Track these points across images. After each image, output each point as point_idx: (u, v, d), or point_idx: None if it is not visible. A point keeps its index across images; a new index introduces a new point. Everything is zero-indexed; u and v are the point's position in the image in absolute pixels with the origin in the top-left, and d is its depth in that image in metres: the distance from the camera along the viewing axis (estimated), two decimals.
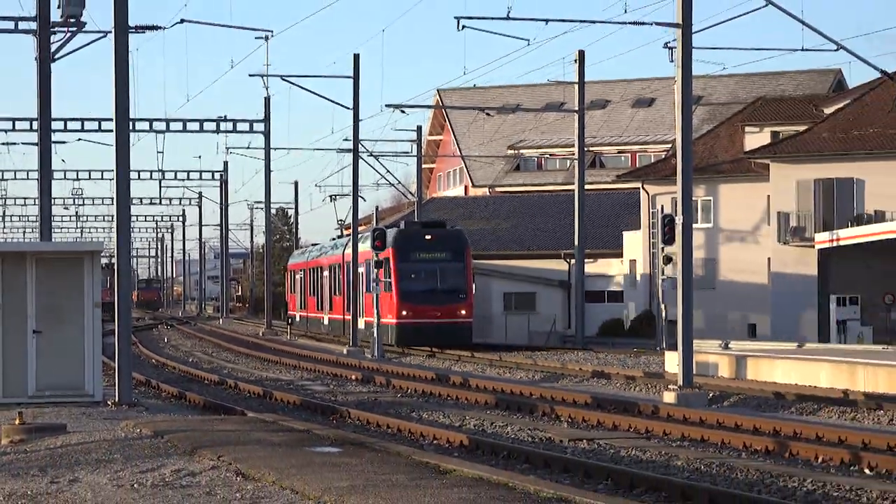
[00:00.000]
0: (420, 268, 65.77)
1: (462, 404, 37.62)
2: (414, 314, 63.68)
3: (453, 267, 65.60)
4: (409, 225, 70.06)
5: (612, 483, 21.75)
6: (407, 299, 64.48)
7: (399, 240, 66.11)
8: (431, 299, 64.50)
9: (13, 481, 19.33)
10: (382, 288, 64.30)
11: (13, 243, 35.06)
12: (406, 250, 65.82)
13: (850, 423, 31.12)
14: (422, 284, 65.33)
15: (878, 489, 21.11)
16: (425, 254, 65.81)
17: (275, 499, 17.42)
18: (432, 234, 66.85)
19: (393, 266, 64.61)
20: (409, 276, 65.22)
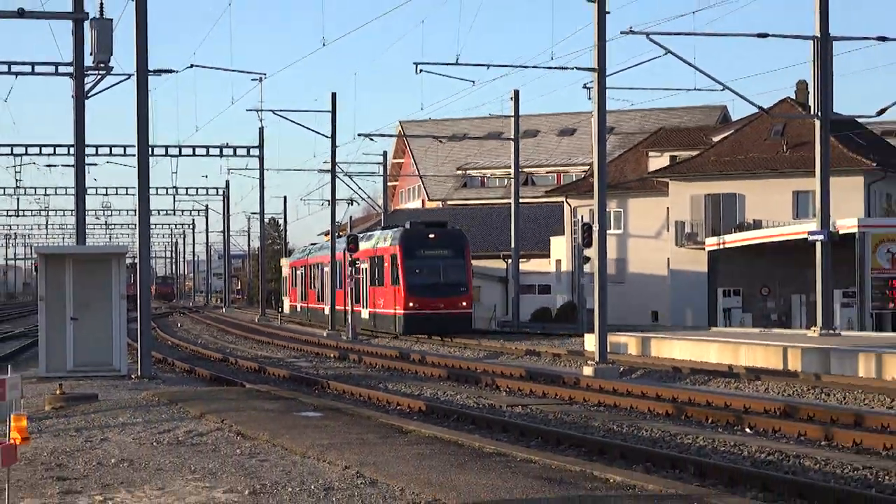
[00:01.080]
0: (425, 263, 61.17)
1: (420, 377, 37.57)
2: (420, 305, 59.45)
3: (454, 263, 61.44)
4: (413, 225, 64.78)
5: (541, 440, 21.76)
6: (413, 292, 59.79)
7: (405, 238, 61.85)
8: (435, 292, 59.83)
9: (55, 440, 19.24)
10: (389, 281, 61.83)
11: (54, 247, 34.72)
12: (412, 248, 61.42)
13: (734, 391, 31.16)
14: (427, 278, 60.49)
15: (756, 444, 21.20)
16: (429, 251, 61.45)
17: (268, 454, 17.36)
18: (435, 233, 62.72)
19: (400, 262, 60.74)
20: (414, 272, 60.77)
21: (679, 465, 18.57)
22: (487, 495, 13.56)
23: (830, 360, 34.56)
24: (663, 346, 43.72)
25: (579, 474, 15.35)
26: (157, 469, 16.14)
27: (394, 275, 61.30)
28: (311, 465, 16.13)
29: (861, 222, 53.74)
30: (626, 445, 20.68)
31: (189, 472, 15.75)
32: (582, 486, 14.39)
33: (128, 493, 14.22)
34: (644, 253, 77.78)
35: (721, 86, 45.68)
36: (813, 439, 21.82)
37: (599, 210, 39.30)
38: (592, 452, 20.02)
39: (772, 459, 19.73)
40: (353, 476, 15.11)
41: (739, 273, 63.01)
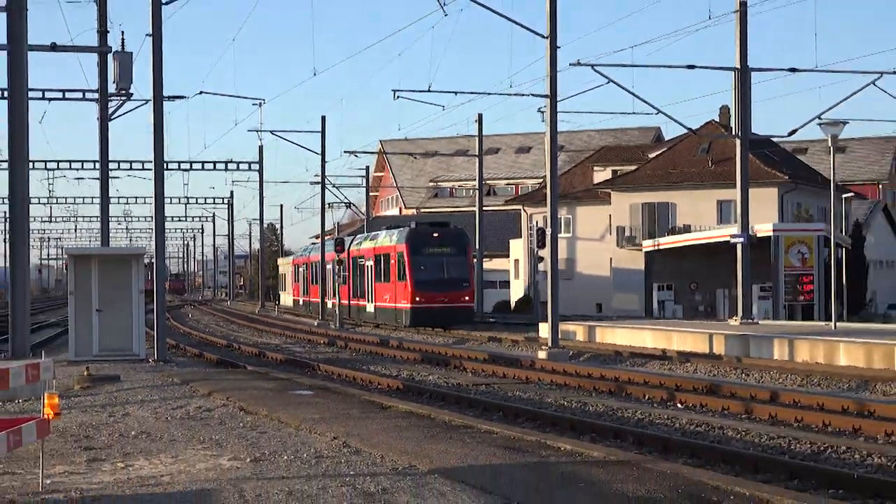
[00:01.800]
0: (430, 260, 56.76)
1: (398, 360, 37.51)
2: (426, 300, 55.38)
3: (457, 259, 57.19)
4: (419, 224, 60.66)
5: (502, 415, 21.77)
6: (420, 287, 55.62)
7: (412, 237, 57.66)
8: (440, 287, 55.64)
9: (82, 415, 19.17)
10: (396, 277, 57.91)
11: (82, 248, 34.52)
12: (418, 246, 57.15)
13: (667, 372, 31.23)
14: (432, 274, 56.13)
15: (686, 418, 21.24)
16: (434, 248, 57.07)
17: (267, 427, 17.34)
18: (439, 232, 58.34)
19: (407, 259, 56.50)
20: (420, 268, 56.42)
21: (620, 435, 18.62)
22: (456, 462, 13.57)
23: (749, 345, 34.67)
24: (606, 334, 43.77)
25: (535, 443, 15.38)
26: (171, 440, 16.12)
27: (400, 271, 57.55)
28: (304, 437, 16.12)
29: (775, 227, 54.03)
30: (574, 419, 20.71)
31: (199, 443, 15.74)
32: (537, 454, 14.41)
33: (146, 461, 14.20)
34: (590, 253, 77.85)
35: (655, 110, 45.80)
36: (734, 413, 21.90)
37: (551, 216, 39.32)
38: (546, 425, 20.06)
39: (699, 430, 19.79)
40: (340, 446, 15.11)
41: (671, 270, 63.15)
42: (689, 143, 72.96)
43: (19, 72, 24.73)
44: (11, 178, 25.03)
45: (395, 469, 13.17)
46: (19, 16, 24.67)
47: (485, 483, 12.10)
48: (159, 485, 12.51)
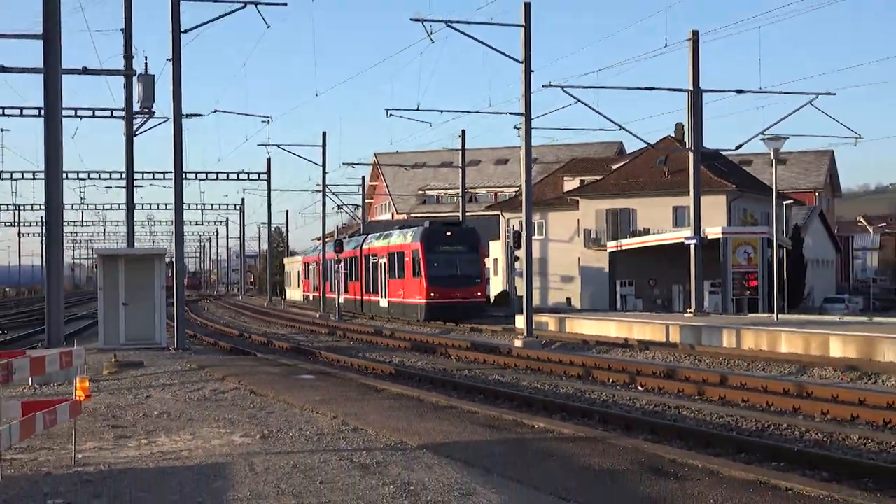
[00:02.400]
0: (444, 258, 52.92)
1: (390, 348, 37.51)
2: (440, 295, 51.54)
3: (470, 257, 53.35)
4: (433, 223, 56.88)
5: (483, 396, 21.76)
6: (434, 283, 51.92)
7: (427, 235, 53.83)
8: (454, 283, 51.96)
9: (111, 397, 19.13)
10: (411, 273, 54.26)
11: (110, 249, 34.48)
12: (432, 244, 53.30)
13: (629, 358, 31.24)
14: (445, 271, 52.38)
15: (646, 399, 21.29)
16: (447, 246, 53.19)
17: (274, 407, 17.31)
18: (452, 231, 54.83)
19: (422, 257, 52.78)
20: (434, 265, 52.69)
21: (588, 414, 18.64)
22: (441, 438, 13.57)
23: (702, 335, 34.73)
24: (575, 324, 43.79)
25: (511, 422, 15.39)
26: (189, 419, 16.09)
27: (415, 268, 53.78)
28: (307, 416, 16.11)
29: (724, 230, 54.08)
30: (547, 399, 20.74)
31: (214, 422, 15.71)
32: (514, 431, 14.41)
33: (167, 438, 14.18)
34: (560, 253, 77.83)
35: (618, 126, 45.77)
36: (688, 395, 21.95)
37: (526, 221, 39.34)
38: (522, 405, 20.07)
39: (658, 410, 19.84)
40: (340, 424, 15.10)
41: (632, 268, 63.21)
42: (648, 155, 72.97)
43: (54, 93, 24.68)
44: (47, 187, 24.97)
45: (388, 445, 13.17)
46: (54, 44, 24.63)
47: (468, 457, 12.10)
48: (179, 459, 12.50)
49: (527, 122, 38.79)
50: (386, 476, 11.06)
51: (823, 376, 25.22)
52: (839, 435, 16.37)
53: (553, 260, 78.69)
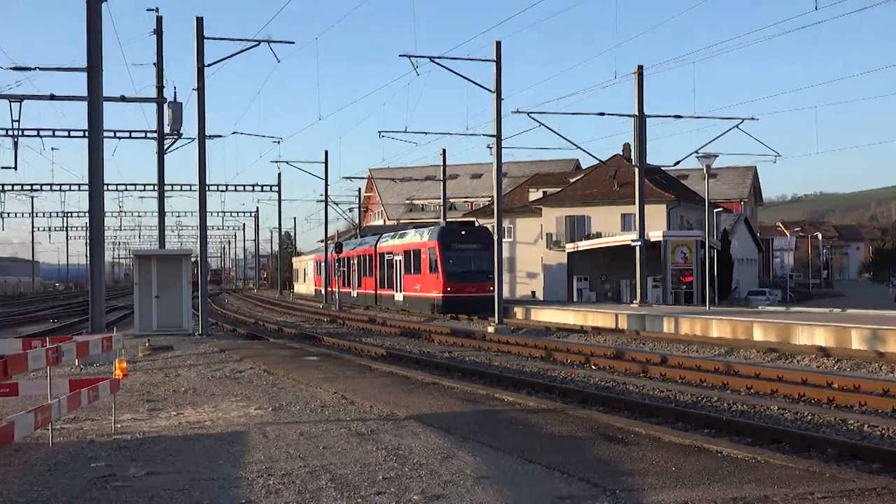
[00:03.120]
0: (459, 255, 49.10)
1: (383, 334, 37.48)
2: (456, 290, 48.06)
3: (483, 254, 48.53)
4: (448, 223, 53.74)
5: (461, 374, 21.77)
6: (450, 279, 48.41)
7: (443, 234, 50.33)
8: (468, 278, 48.27)
9: (145, 376, 19.07)
10: (428, 269, 50.53)
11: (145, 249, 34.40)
12: (448, 242, 49.63)
13: (585, 342, 31.29)
14: (461, 267, 48.67)
15: (598, 376, 21.31)
16: (462, 244, 49.44)
17: (284, 384, 17.29)
18: (466, 230, 51.27)
19: (439, 254, 49.10)
20: (450, 262, 48.97)
21: (549, 389, 18.67)
22: (426, 410, 13.57)
23: (645, 322, 34.82)
24: (539, 313, 43.88)
25: (485, 396, 15.40)
26: (211, 394, 16.06)
27: (432, 264, 49.85)
28: (312, 391, 16.10)
29: (665, 234, 54.17)
30: (515, 377, 20.75)
31: (233, 397, 15.69)
32: (487, 403, 14.42)
33: (193, 410, 14.15)
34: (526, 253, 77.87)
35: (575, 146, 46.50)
36: (634, 372, 22.00)
37: (497, 226, 39.40)
38: (493, 382, 20.07)
39: (609, 385, 19.88)
40: (340, 398, 15.09)
41: (587, 266, 63.24)
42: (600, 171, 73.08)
43: (97, 118, 24.57)
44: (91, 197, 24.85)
45: (381, 416, 13.17)
46: (96, 75, 24.52)
47: (448, 425, 12.10)
48: (203, 428, 12.47)
49: (498, 142, 38.88)
50: (379, 442, 11.07)
51: (748, 357, 25.34)
52: (761, 406, 16.44)
53: (520, 259, 78.75)
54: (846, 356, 24.01)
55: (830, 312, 36.71)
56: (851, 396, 16.83)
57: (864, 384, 18.31)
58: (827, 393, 17.24)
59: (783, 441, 12.99)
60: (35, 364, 10.35)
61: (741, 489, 8.47)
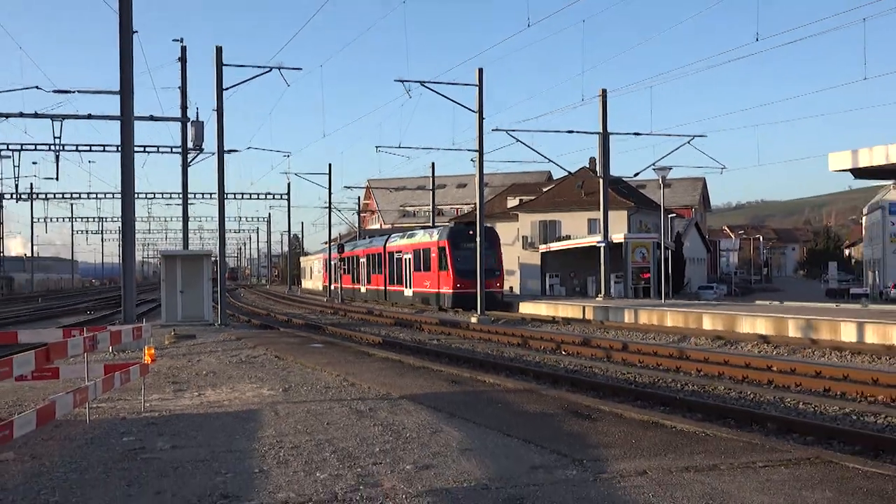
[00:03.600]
0: (466, 254, 45.60)
1: (379, 324, 37.42)
2: (464, 286, 44.91)
3: (489, 253, 44.97)
4: (457, 224, 50.56)
5: (448, 359, 21.71)
6: (460, 275, 45.60)
7: (452, 234, 47.61)
8: (475, 275, 41.53)
9: (170, 361, 19.01)
10: (437, 267, 47.85)
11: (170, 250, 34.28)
12: (457, 241, 46.79)
13: (556, 331, 31.30)
14: (469, 265, 43.93)
15: (568, 361, 21.29)
16: (470, 243, 44.89)
17: (293, 368, 17.26)
18: (473, 230, 45.43)
19: (448, 252, 46.38)
20: (459, 259, 46.13)
21: (525, 372, 18.68)
22: (417, 391, 13.56)
23: (609, 313, 34.87)
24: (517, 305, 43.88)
25: (469, 378, 15.39)
26: (229, 377, 16.02)
27: (442, 262, 46.92)
28: (317, 374, 16.07)
29: (626, 236, 54.28)
30: (495, 362, 20.74)
31: (248, 379, 15.65)
32: (470, 385, 14.42)
33: (213, 391, 14.11)
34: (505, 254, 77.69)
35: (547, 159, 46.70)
36: (599, 357, 22.02)
37: (479, 229, 39.43)
38: (475, 366, 20.06)
39: (577, 369, 19.89)
40: (341, 380, 15.07)
41: (558, 264, 63.31)
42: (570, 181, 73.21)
43: (128, 135, 24.49)
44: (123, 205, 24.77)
45: (378, 395, 13.16)
46: (128, 98, 24.43)
47: (436, 404, 12.10)
48: (222, 406, 12.44)
49: (480, 156, 38.87)
50: (376, 419, 11.05)
51: (698, 343, 25.40)
52: (710, 387, 16.48)
53: None
54: (784, 343, 24.10)
55: (769, 305, 36.83)
56: (788, 378, 16.89)
57: (799, 367, 18.38)
58: (767, 375, 17.30)
59: (729, 417, 13.02)
60: (74, 351, 10.31)
61: (692, 459, 8.50)
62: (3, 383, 11.96)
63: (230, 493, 7.53)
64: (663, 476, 7.85)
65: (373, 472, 8.17)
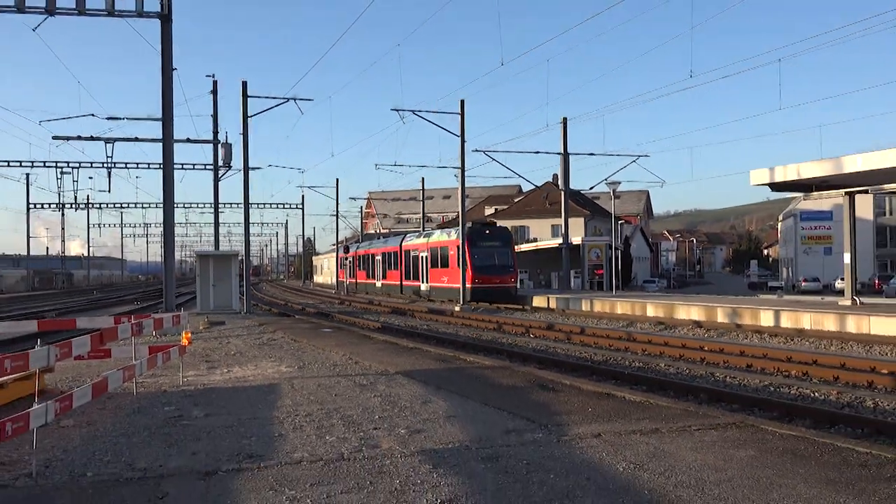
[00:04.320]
0: (484, 251, 41.38)
1: (378, 312, 37.27)
2: (482, 281, 40.56)
3: (504, 251, 41.98)
4: (474, 223, 44.30)
5: (436, 341, 21.67)
6: (478, 272, 40.54)
7: (470, 233, 41.90)
8: (492, 271, 41.02)
9: (204, 343, 18.88)
10: (456, 263, 42.11)
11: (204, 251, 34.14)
12: (475, 239, 41.59)
13: (525, 317, 31.31)
14: (486, 262, 41.12)
15: (535, 343, 21.32)
16: (486, 242, 41.76)
17: (306, 349, 17.18)
18: (490, 230, 43.26)
19: (467, 250, 40.88)
20: (477, 256, 41.10)
21: (500, 351, 18.66)
22: (410, 367, 13.52)
23: (569, 303, 34.87)
24: None
25: (453, 357, 15.37)
26: (253, 356, 15.94)
27: (460, 259, 41.33)
28: (327, 354, 16.02)
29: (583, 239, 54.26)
30: (475, 343, 20.71)
31: (269, 358, 15.58)
32: (454, 363, 14.39)
33: (239, 368, 14.04)
34: None
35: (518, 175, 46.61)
36: (561, 340, 22.04)
37: (462, 234, 39.34)
38: (458, 347, 20.01)
39: (543, 349, 19.88)
40: (347, 359, 15.02)
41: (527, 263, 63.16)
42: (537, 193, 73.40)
43: (169, 155, 24.35)
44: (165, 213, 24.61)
45: (377, 371, 13.12)
46: (168, 123, 24.28)
47: (426, 378, 12.08)
48: (246, 381, 12.38)
49: (462, 172, 38.84)
50: (375, 391, 11.02)
51: (643, 328, 25.44)
52: (653, 364, 16.52)
53: None
54: (714, 327, 24.18)
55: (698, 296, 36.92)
56: (717, 356, 16.95)
57: (726, 347, 18.44)
58: (700, 354, 17.36)
59: (669, 389, 13.05)
60: (123, 335, 10.25)
61: (639, 424, 8.51)
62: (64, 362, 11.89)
63: (254, 454, 7.50)
64: (615, 438, 7.85)
65: (373, 436, 8.15)
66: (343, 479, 6.55)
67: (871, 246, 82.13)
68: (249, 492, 6.29)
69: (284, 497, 6.14)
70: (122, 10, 21.69)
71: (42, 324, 11.76)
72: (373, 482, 6.46)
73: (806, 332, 21.68)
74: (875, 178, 25.74)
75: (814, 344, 19.56)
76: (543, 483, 6.33)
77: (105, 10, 21.40)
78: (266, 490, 6.33)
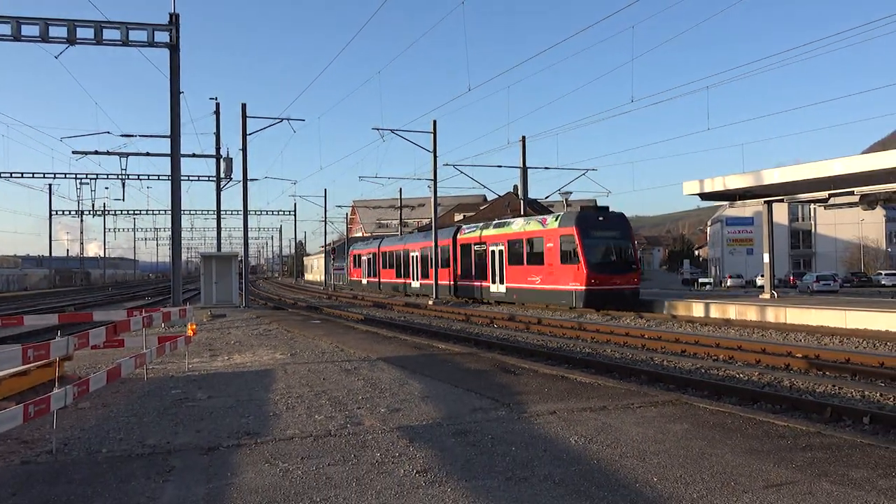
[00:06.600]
0: (599, 243, 28.50)
1: (360, 305, 37.13)
2: (599, 282, 27.72)
3: (624, 243, 28.91)
4: (583, 208, 30.88)
5: (411, 331, 21.57)
6: (593, 270, 27.69)
7: (580, 221, 28.62)
8: (611, 269, 28.13)
9: (207, 333, 18.67)
10: (558, 260, 29.10)
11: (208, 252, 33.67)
12: (587, 229, 28.42)
13: (490, 310, 31.25)
14: (603, 257, 28.40)
15: (499, 332, 21.29)
16: (601, 232, 28.65)
17: (297, 338, 17.03)
18: (604, 216, 29.42)
19: (578, 242, 28.06)
20: (590, 250, 28.14)
21: (468, 339, 18.61)
22: (389, 354, 13.46)
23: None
24: None
25: (426, 345, 15.32)
26: (251, 345, 15.78)
27: (566, 254, 28.84)
28: (316, 343, 15.89)
29: None
30: (446, 333, 20.67)
31: (265, 347, 15.42)
32: (428, 350, 14.35)
33: (239, 355, 13.88)
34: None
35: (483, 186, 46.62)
36: (521, 329, 22.06)
37: (434, 239, 39.28)
38: (431, 335, 19.97)
39: (505, 337, 19.87)
40: (334, 347, 14.92)
41: None
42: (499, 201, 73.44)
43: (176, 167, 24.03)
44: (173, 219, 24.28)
45: (360, 358, 13.04)
46: (176, 140, 23.97)
47: (403, 364, 12.03)
48: (245, 367, 12.24)
49: (434, 184, 38.81)
50: (359, 375, 10.95)
51: (592, 319, 25.55)
52: (601, 350, 16.60)
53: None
54: (653, 318, 24.36)
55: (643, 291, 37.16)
56: (656, 343, 17.07)
57: (664, 335, 18.59)
58: (641, 341, 17.47)
59: (614, 371, 13.11)
60: (135, 326, 10.09)
61: (588, 402, 8.53)
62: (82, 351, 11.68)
63: (252, 431, 7.42)
64: (568, 414, 7.87)
65: (357, 414, 8.09)
66: (330, 453, 6.50)
67: (786, 247, 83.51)
68: (247, 465, 6.23)
69: (278, 469, 6.08)
70: (135, 41, 21.47)
71: (62, 317, 11.53)
72: (357, 455, 6.42)
73: (732, 322, 21.93)
74: (790, 189, 26.14)
75: (739, 332, 19.79)
76: (506, 454, 6.32)
77: (120, 41, 21.18)
78: (262, 463, 6.27)
